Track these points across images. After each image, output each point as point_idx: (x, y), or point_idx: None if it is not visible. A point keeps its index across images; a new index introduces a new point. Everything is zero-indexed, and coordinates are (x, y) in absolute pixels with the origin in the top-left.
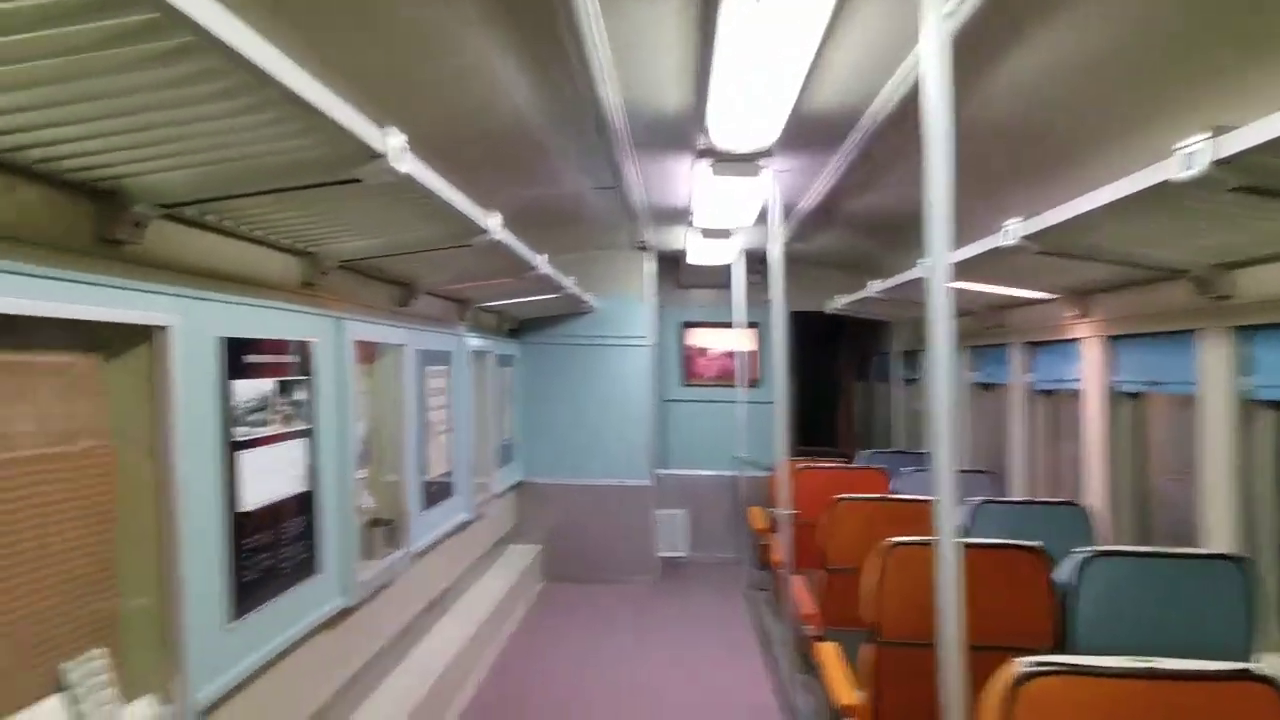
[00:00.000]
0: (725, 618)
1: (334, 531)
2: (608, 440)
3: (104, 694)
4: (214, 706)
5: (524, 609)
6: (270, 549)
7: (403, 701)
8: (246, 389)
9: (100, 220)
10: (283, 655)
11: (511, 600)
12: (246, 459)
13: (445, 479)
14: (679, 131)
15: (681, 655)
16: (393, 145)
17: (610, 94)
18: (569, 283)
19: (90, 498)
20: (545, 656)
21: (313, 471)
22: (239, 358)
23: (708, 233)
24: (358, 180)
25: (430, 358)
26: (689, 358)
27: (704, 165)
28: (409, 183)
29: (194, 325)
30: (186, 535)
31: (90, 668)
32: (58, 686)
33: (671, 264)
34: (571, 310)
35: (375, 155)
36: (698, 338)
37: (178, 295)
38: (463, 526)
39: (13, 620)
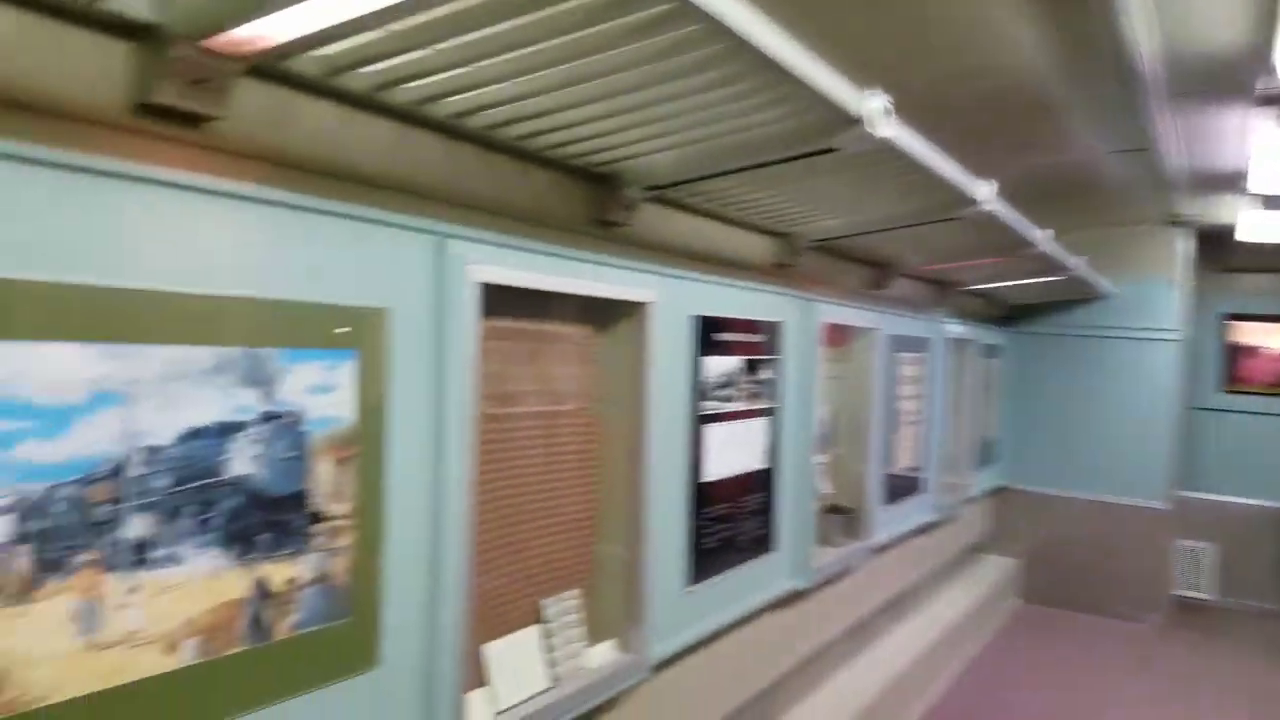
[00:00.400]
0: (1261, 685)
1: (790, 512)
2: (1115, 450)
3: (574, 632)
4: (665, 664)
5: (994, 628)
6: (728, 521)
7: (848, 702)
8: (715, 365)
9: (596, 203)
10: (732, 627)
11: (980, 616)
12: (711, 432)
13: (912, 474)
14: (1231, 75)
15: None
16: (871, 109)
17: (1144, 36)
18: (1077, 263)
19: (579, 454)
20: (1016, 686)
21: (773, 450)
22: (710, 335)
23: (1269, 201)
24: (833, 150)
25: (902, 343)
26: (1233, 358)
27: (1271, 115)
28: (888, 150)
29: (671, 302)
30: (655, 497)
31: (565, 606)
32: (537, 618)
33: (1212, 242)
34: (1076, 295)
35: (852, 121)
36: (1246, 334)
37: (659, 274)
38: (928, 527)
39: (524, 554)
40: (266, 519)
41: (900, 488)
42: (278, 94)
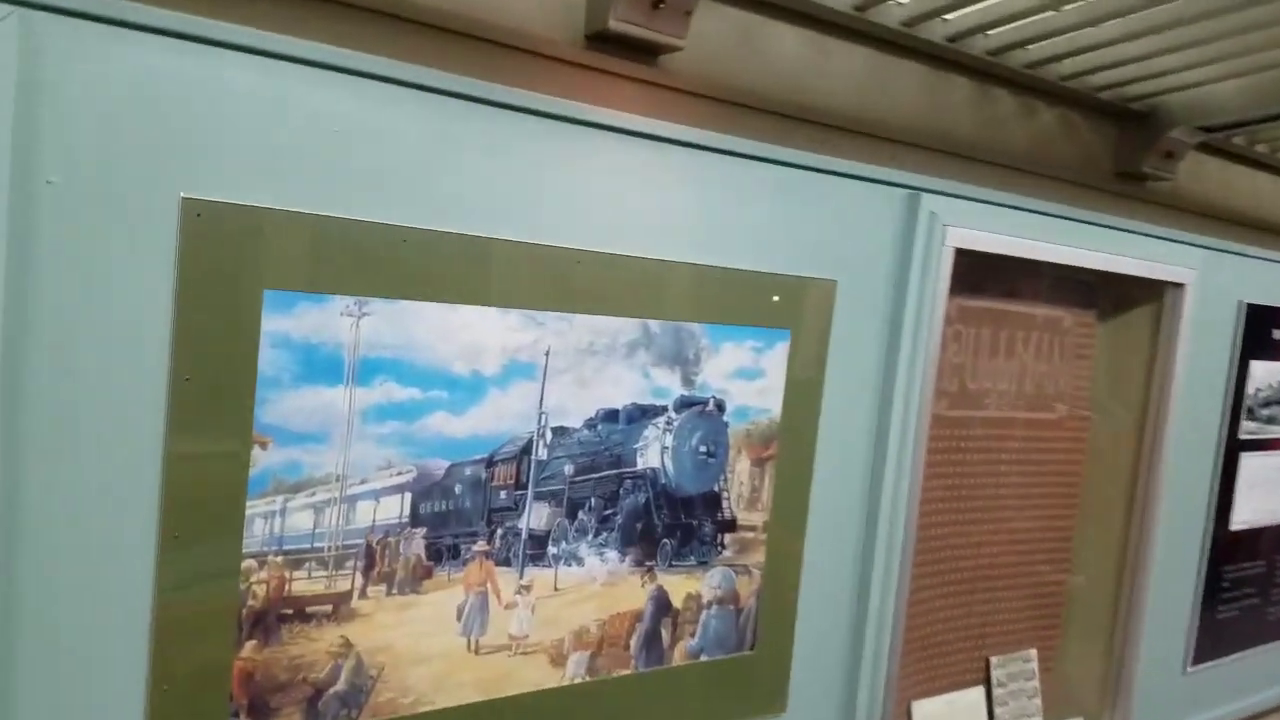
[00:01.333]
0: None
1: None
2: None
3: (1030, 703)
4: None
5: None
6: (1258, 584)
7: None
8: (1266, 373)
9: (1123, 150)
10: None
11: None
12: (1249, 463)
13: None
14: None
15: None
16: None
17: None
18: None
19: (1050, 476)
20: None
21: None
22: (1264, 331)
23: None
24: None
25: None
26: None
27: None
28: None
29: (1212, 283)
30: (1160, 544)
31: (1019, 669)
32: (982, 678)
33: None
34: None
35: None
36: None
37: (1199, 245)
38: None
39: (971, 596)
40: (672, 522)
41: None
42: (739, 18)
